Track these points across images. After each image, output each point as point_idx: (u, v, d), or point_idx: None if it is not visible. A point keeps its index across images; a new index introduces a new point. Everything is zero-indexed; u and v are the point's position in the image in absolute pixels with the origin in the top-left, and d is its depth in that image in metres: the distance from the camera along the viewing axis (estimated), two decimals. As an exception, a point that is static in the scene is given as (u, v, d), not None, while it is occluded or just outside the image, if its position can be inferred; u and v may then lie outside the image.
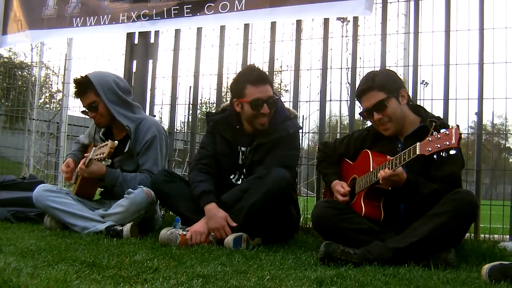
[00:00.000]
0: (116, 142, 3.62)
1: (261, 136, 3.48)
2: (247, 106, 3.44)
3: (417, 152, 2.62)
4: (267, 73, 4.63)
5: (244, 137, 3.56)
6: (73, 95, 3.99)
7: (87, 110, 3.93)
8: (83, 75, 3.89)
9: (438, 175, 2.93)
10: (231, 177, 3.59)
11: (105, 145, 3.60)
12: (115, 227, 3.45)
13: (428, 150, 2.56)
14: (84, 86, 3.86)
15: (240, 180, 3.56)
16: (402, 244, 2.70)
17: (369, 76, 3.23)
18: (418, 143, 2.63)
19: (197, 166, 3.57)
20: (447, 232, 2.72)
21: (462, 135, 2.55)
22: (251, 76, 3.46)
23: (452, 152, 2.50)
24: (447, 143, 2.49)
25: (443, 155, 2.52)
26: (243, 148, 3.57)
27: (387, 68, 4.23)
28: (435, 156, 2.55)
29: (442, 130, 2.54)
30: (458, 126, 2.52)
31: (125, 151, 3.84)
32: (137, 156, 3.86)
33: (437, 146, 2.52)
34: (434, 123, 2.74)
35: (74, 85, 3.91)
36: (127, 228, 3.40)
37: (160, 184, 3.51)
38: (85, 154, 3.80)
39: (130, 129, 3.82)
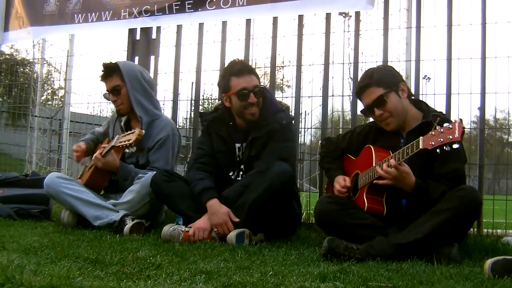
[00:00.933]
0: (143, 131, 3.65)
1: (255, 130, 3.49)
2: (234, 98, 3.46)
3: (420, 146, 2.62)
4: (268, 68, 4.67)
5: (239, 133, 3.57)
6: (99, 78, 4.05)
7: (109, 93, 4.00)
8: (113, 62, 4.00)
9: (442, 172, 2.92)
10: (230, 174, 3.59)
11: (131, 132, 3.62)
12: (125, 219, 3.47)
13: (431, 144, 2.56)
14: (111, 70, 3.96)
15: (240, 176, 3.55)
16: (405, 240, 2.70)
17: (367, 73, 3.24)
18: (421, 137, 2.63)
19: (195, 165, 3.57)
20: (451, 229, 2.71)
21: (465, 129, 2.54)
22: (234, 69, 3.51)
23: (455, 146, 2.50)
24: (450, 137, 2.49)
25: (446, 149, 2.52)
26: (238, 144, 3.58)
27: (388, 62, 4.23)
28: (438, 150, 2.55)
29: (445, 124, 2.54)
30: (461, 120, 2.51)
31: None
32: (147, 152, 3.88)
33: (440, 140, 2.52)
34: (438, 118, 2.74)
35: (102, 68, 3.99)
36: (127, 226, 3.40)
37: (160, 184, 3.50)
38: (102, 146, 3.83)
39: (142, 121, 3.86)
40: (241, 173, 3.56)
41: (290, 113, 3.81)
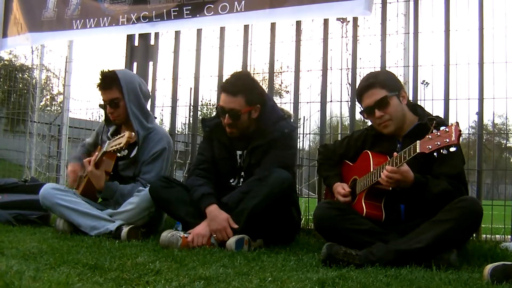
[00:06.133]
0: (133, 133, 3.60)
1: (256, 138, 3.48)
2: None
3: (417, 150, 2.62)
4: (267, 74, 4.68)
5: (240, 141, 3.55)
6: (97, 87, 3.90)
7: (106, 104, 3.88)
8: (111, 70, 3.88)
9: (443, 172, 2.92)
10: (231, 181, 3.59)
11: (121, 136, 3.57)
12: (122, 227, 3.46)
13: (428, 148, 2.56)
14: (110, 81, 3.83)
15: (240, 183, 3.55)
16: (405, 247, 2.69)
17: (370, 74, 3.24)
18: (418, 141, 2.63)
19: (195, 171, 3.57)
20: (451, 239, 2.71)
21: (463, 134, 2.54)
22: (225, 83, 3.52)
23: (452, 149, 2.50)
24: (447, 140, 2.48)
25: (443, 152, 2.52)
26: (239, 152, 3.57)
27: (386, 68, 4.24)
28: (435, 154, 2.55)
29: (442, 128, 2.53)
30: (457, 123, 2.51)
31: (130, 156, 3.82)
32: (141, 164, 3.84)
33: (437, 144, 2.52)
34: (434, 121, 2.74)
35: (101, 77, 3.85)
36: (124, 231, 3.40)
37: (158, 190, 3.49)
38: (95, 154, 3.77)
39: (139, 136, 3.80)
40: (241, 180, 3.56)
41: (293, 121, 3.78)
